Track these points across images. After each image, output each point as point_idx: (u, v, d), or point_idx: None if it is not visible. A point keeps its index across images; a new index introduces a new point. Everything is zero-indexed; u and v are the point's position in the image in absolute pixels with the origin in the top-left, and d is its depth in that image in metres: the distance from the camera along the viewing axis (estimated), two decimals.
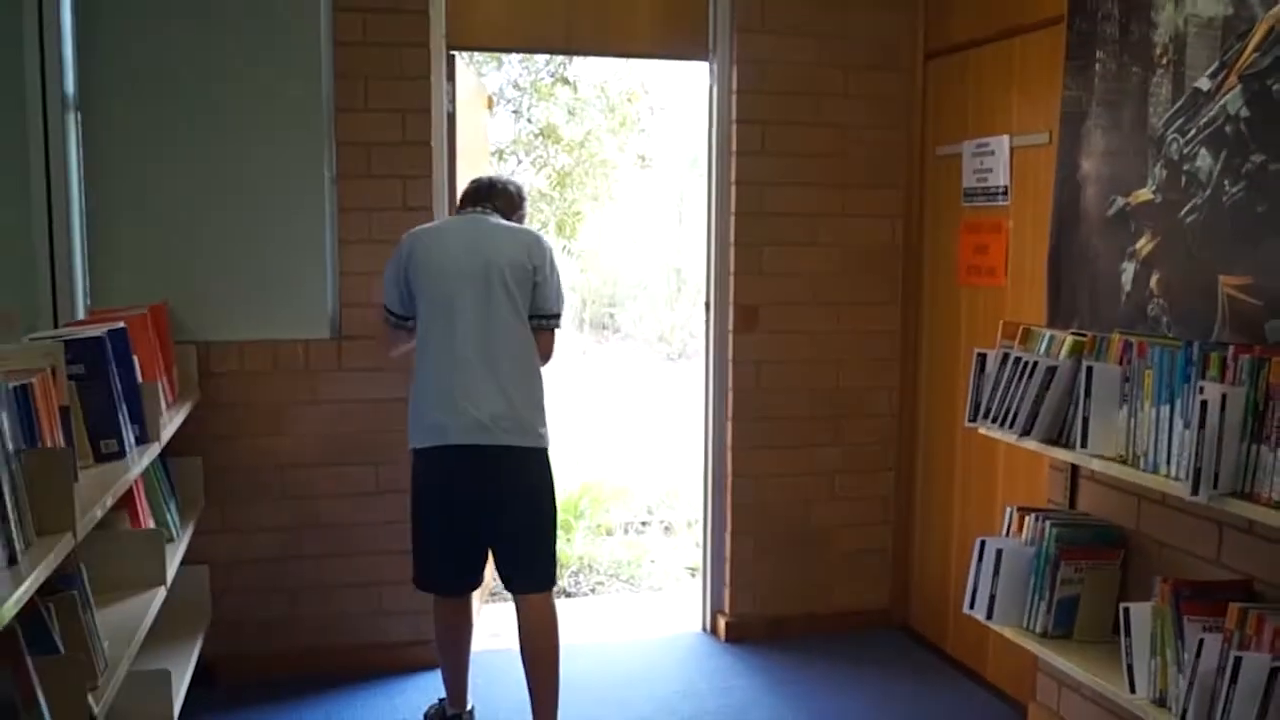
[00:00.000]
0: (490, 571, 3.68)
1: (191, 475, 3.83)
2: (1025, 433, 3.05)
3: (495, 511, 3.30)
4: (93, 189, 3.79)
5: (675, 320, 13.20)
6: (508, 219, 3.45)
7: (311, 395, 3.98)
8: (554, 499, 3.40)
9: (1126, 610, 2.72)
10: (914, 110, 4.41)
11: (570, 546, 5.69)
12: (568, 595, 5.24)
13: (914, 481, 4.48)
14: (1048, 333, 3.17)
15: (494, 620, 4.67)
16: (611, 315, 13.73)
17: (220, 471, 3.91)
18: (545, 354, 3.38)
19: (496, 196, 3.46)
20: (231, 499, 3.94)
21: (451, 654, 3.56)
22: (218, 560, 3.89)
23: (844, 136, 4.37)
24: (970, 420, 3.35)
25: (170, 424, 3.29)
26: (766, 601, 4.45)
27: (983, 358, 3.33)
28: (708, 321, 4.44)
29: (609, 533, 6.15)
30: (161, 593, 2.95)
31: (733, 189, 4.31)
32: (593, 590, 5.33)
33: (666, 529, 6.40)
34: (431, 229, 3.48)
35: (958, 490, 4.18)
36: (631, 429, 9.07)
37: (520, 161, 7.10)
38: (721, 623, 4.45)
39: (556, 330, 3.41)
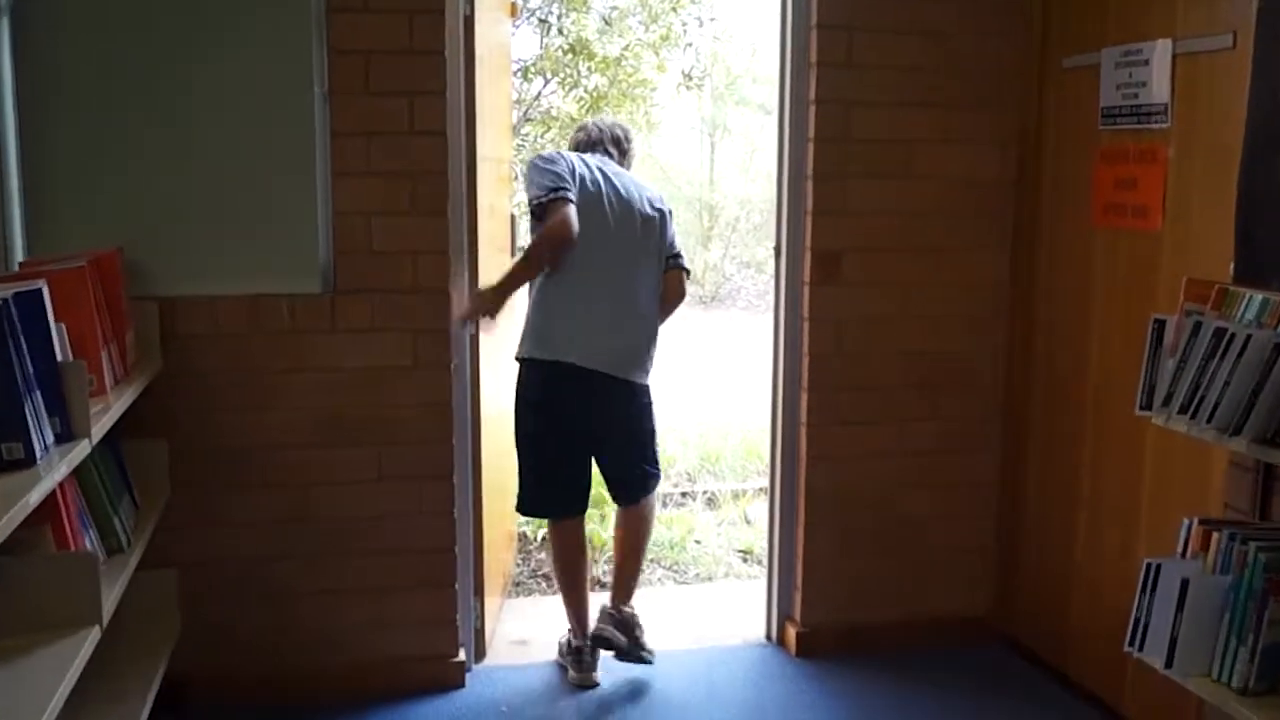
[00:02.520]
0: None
1: (153, 460, 3.13)
2: (1234, 430, 2.31)
3: (606, 433, 3.48)
4: (29, 110, 3.05)
5: (709, 260, 12.36)
6: (620, 165, 3.59)
7: (299, 362, 3.26)
8: (654, 415, 3.58)
9: None
10: (1032, 11, 3.59)
11: (605, 529, 4.98)
12: (602, 585, 4.54)
13: (1024, 465, 3.74)
14: (1257, 295, 2.41)
15: (517, 618, 4.00)
16: None
17: (189, 455, 3.21)
18: (680, 294, 3.60)
19: (609, 143, 3.60)
20: (203, 488, 3.24)
21: (570, 581, 3.58)
22: (187, 561, 3.21)
23: (946, 45, 3.57)
24: (1143, 408, 2.61)
25: (116, 405, 2.59)
26: (844, 607, 3.74)
27: (1161, 326, 2.58)
28: (778, 271, 3.68)
29: None
30: (95, 633, 2.25)
31: (811, 109, 3.52)
32: None
33: (710, 501, 5.69)
34: (578, 154, 3.52)
35: (1086, 479, 3.43)
36: (664, 382, 8.33)
37: (547, 81, 6.26)
38: (791, 632, 3.74)
39: (684, 267, 3.60)
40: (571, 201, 3.27)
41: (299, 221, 3.21)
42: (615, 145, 3.60)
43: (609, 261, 3.37)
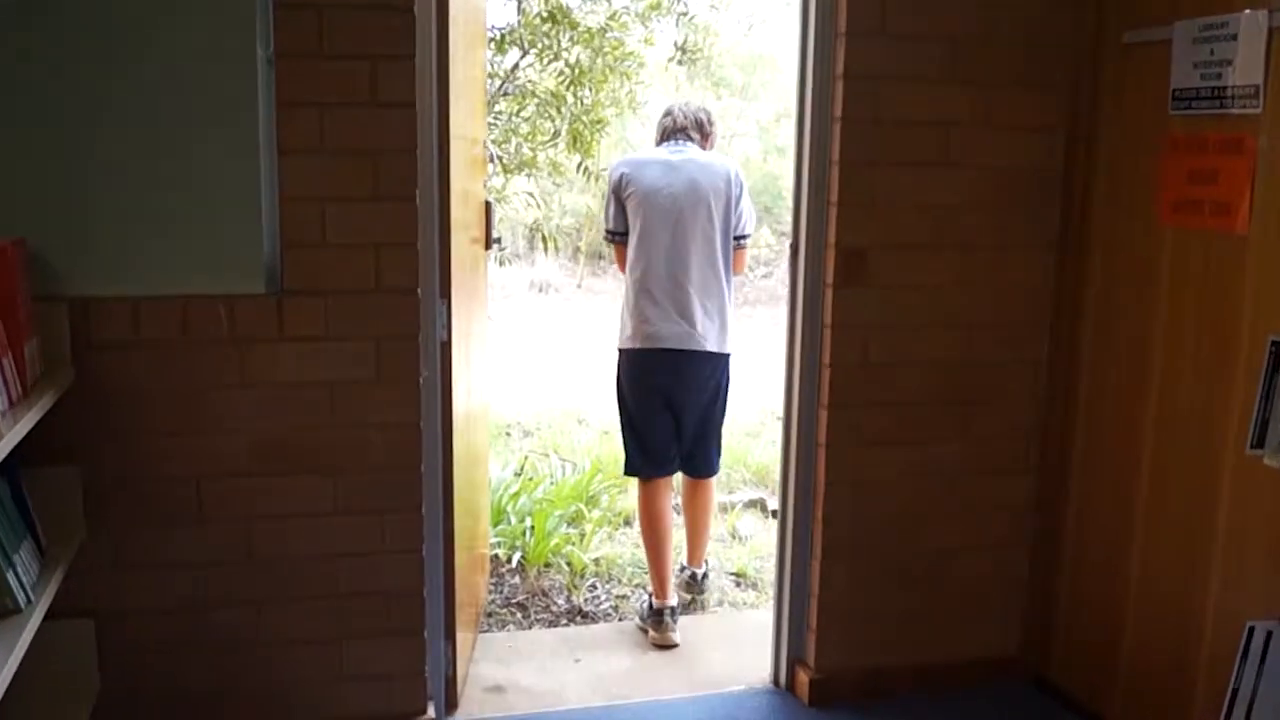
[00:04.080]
0: None
1: (62, 493, 2.64)
2: None
3: (691, 405, 3.83)
4: None
5: None
6: (702, 146, 3.87)
7: (240, 375, 2.76)
8: (727, 394, 3.92)
9: None
10: None
11: (583, 549, 4.53)
12: (584, 615, 4.09)
13: (1065, 489, 3.33)
14: None
15: (492, 658, 3.53)
16: None
17: (107, 486, 2.71)
18: (740, 268, 3.92)
19: (691, 128, 3.85)
20: (125, 524, 2.74)
21: (653, 543, 3.88)
22: (107, 611, 2.73)
23: (990, 14, 3.13)
24: (1255, 445, 2.20)
25: (11, 434, 2.09)
26: (863, 649, 3.32)
27: (1279, 349, 2.16)
28: (794, 270, 3.23)
29: (627, 522, 4.98)
30: None
31: (838, 85, 3.07)
32: (615, 608, 4.18)
33: None
34: (640, 159, 3.87)
35: (1140, 513, 3.03)
36: None
37: (525, 53, 5.74)
38: (803, 678, 3.31)
39: (747, 247, 3.94)
40: (617, 241, 3.87)
41: (238, 209, 2.71)
42: (698, 129, 3.87)
43: (671, 251, 3.70)
